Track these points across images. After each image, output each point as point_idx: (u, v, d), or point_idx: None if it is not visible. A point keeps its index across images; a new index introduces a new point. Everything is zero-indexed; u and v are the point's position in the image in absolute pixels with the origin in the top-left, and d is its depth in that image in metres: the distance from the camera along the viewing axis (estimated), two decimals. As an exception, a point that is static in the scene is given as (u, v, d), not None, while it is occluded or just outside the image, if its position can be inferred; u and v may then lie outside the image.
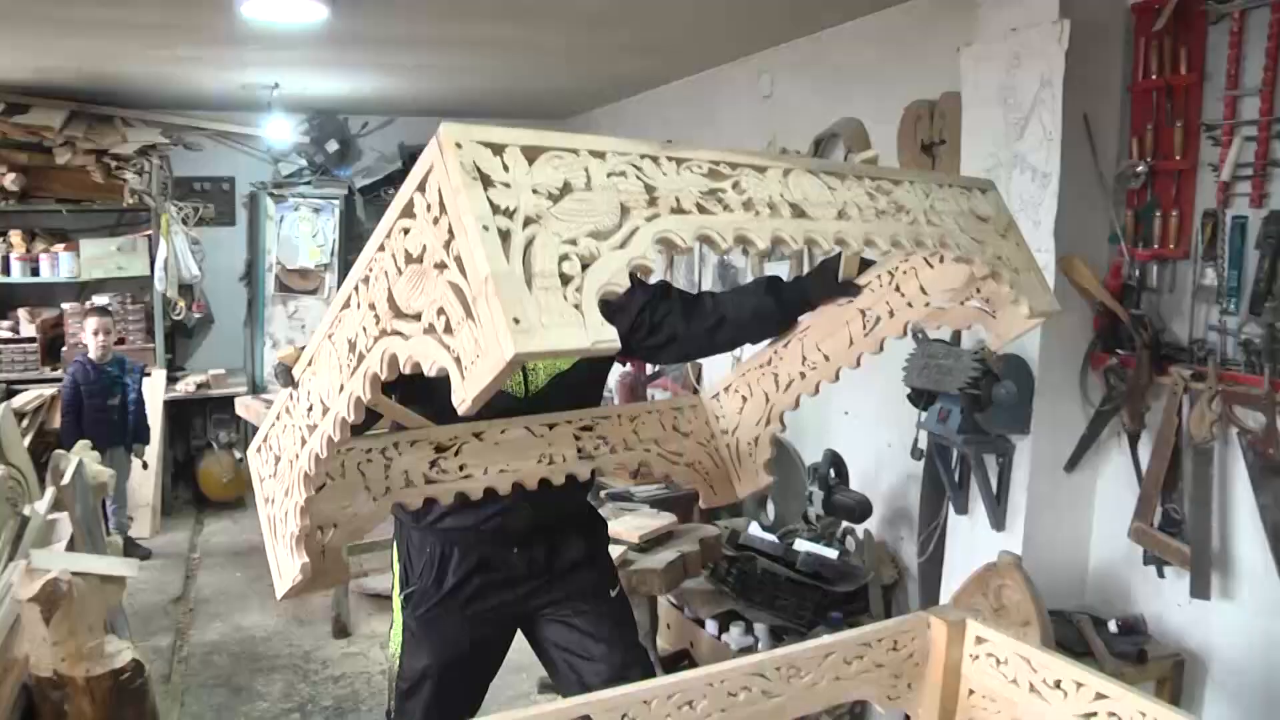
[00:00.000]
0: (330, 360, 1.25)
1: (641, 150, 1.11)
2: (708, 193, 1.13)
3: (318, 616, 4.12)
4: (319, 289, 5.96)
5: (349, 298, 1.19)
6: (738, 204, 1.15)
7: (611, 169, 1.07)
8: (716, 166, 1.16)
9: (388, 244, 1.08)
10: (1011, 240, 1.54)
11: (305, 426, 1.36)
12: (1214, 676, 2.62)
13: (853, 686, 1.60)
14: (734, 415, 1.98)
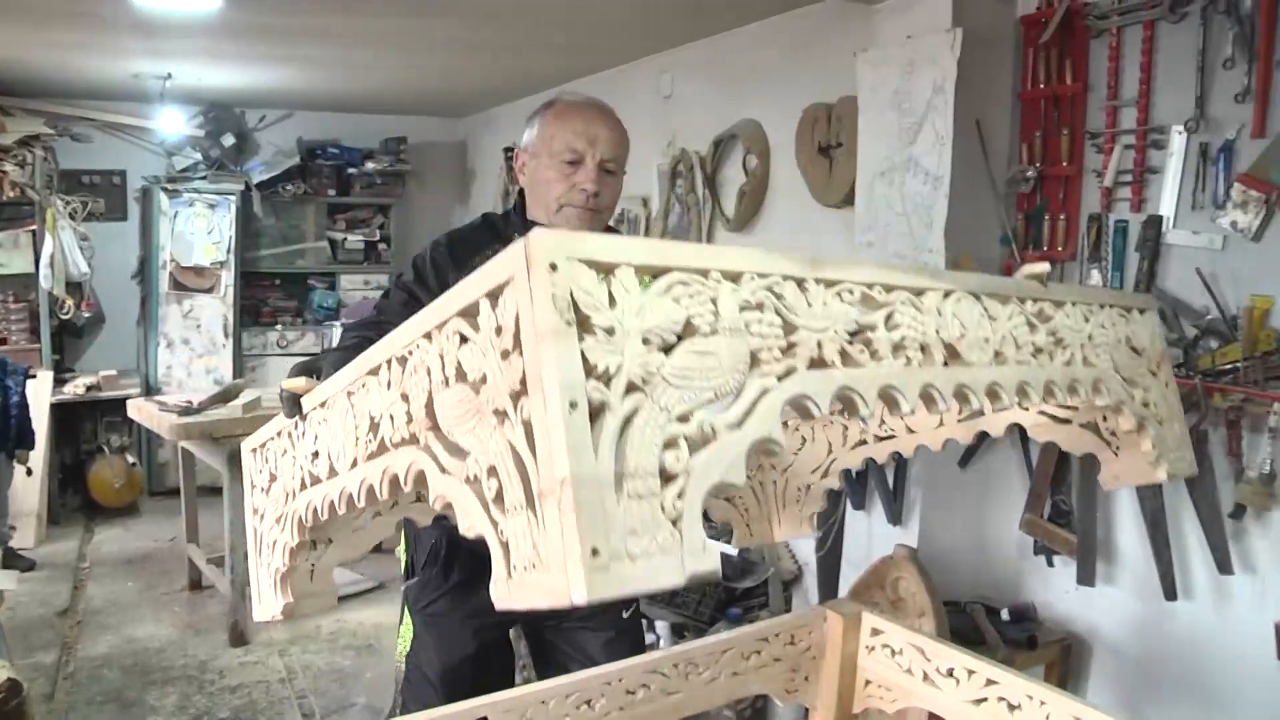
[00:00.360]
0: (346, 422, 1.06)
1: (785, 269, 0.88)
2: (855, 333, 0.93)
3: (214, 625, 4.00)
4: (215, 287, 5.78)
5: (379, 367, 0.99)
6: (887, 347, 0.95)
7: (746, 298, 0.84)
8: (870, 291, 0.96)
9: (437, 338, 0.86)
10: (1162, 379, 1.36)
11: (308, 470, 1.19)
12: (1098, 658, 2.74)
13: (751, 681, 1.62)
14: (788, 454, 1.77)
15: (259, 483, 1.36)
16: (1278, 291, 2.27)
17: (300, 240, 6.29)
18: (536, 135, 1.85)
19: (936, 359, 1.00)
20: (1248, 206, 2.30)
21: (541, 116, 1.86)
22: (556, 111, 1.85)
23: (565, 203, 1.82)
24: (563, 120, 1.83)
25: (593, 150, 1.81)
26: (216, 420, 3.76)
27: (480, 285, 0.79)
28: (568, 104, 1.86)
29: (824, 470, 1.72)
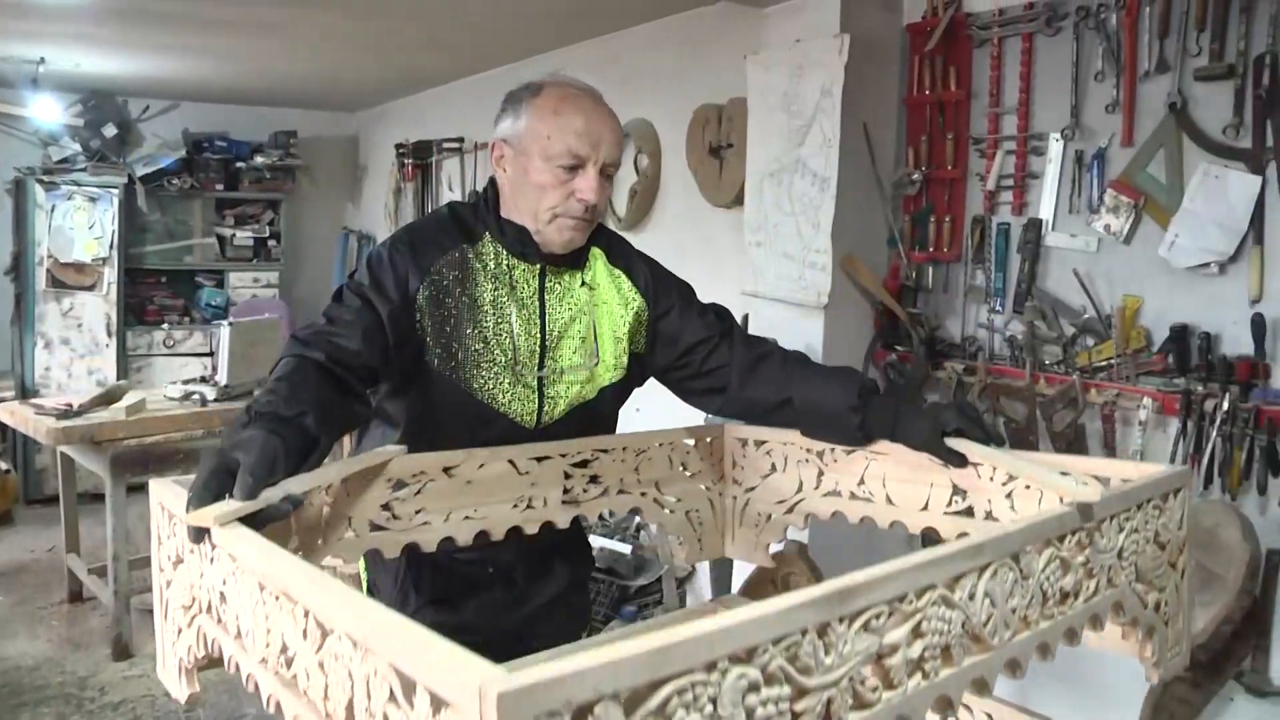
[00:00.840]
0: (258, 613, 0.93)
1: (809, 619, 0.76)
2: (873, 669, 0.83)
3: (96, 639, 3.83)
4: (97, 285, 5.53)
5: (305, 614, 0.85)
6: (905, 670, 0.85)
7: (754, 677, 0.71)
8: (902, 604, 0.85)
9: (372, 683, 0.75)
10: (1180, 568, 1.27)
11: (215, 604, 1.04)
12: (982, 647, 2.83)
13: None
14: (755, 475, 1.71)
15: (167, 549, 1.17)
16: (1147, 291, 2.39)
17: (187, 236, 6.07)
18: (525, 129, 1.56)
19: (957, 659, 0.92)
20: (1119, 211, 2.42)
21: (532, 107, 1.56)
22: (554, 105, 1.55)
23: (560, 213, 1.56)
24: (562, 117, 1.54)
25: (595, 155, 1.55)
26: (99, 423, 3.59)
27: (422, 671, 0.67)
28: (566, 96, 1.57)
29: (789, 506, 1.67)
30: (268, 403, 1.25)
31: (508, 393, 1.59)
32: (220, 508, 1.02)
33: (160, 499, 1.17)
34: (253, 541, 0.96)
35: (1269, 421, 2.12)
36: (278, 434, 1.17)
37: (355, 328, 1.48)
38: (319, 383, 1.37)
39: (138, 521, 4.96)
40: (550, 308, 1.64)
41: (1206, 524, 2.20)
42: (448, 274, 1.57)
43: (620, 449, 1.62)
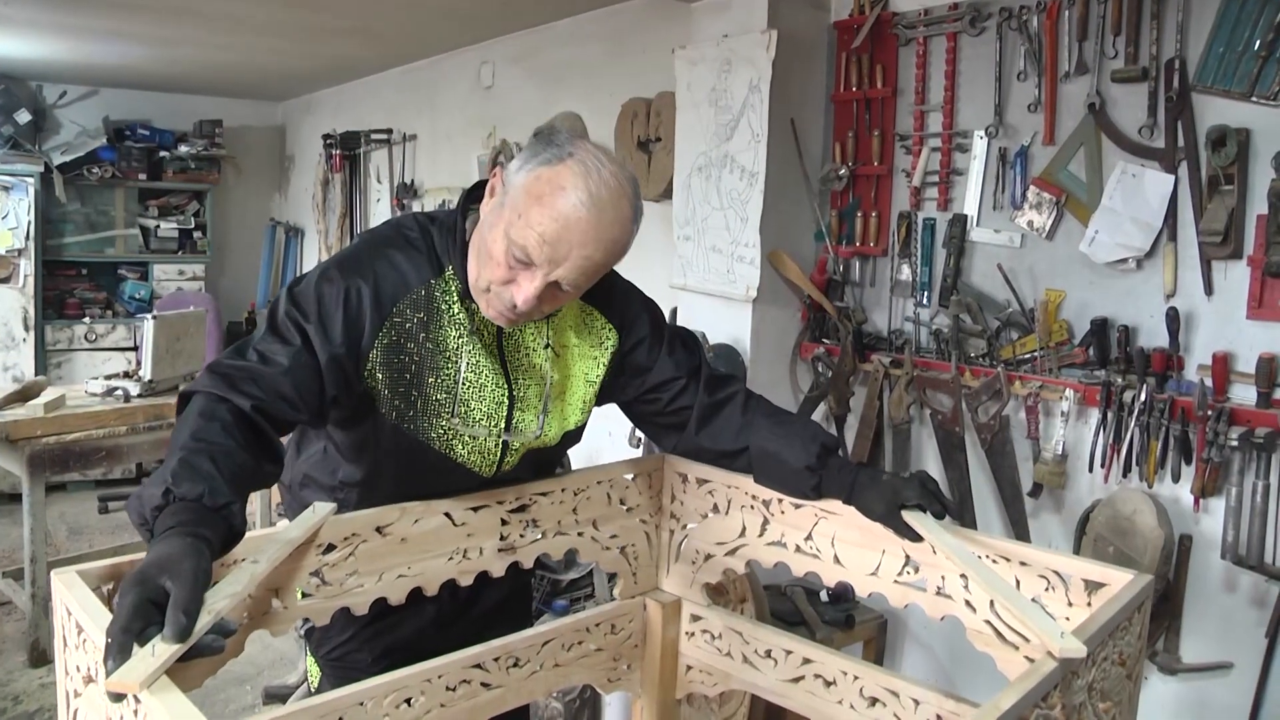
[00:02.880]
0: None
1: None
2: None
3: (11, 645, 3.70)
4: (12, 277, 5.35)
5: None
6: None
7: None
8: None
9: None
10: (1134, 679, 1.27)
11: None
12: (911, 631, 2.89)
13: (573, 672, 1.63)
14: (695, 513, 1.70)
15: (75, 659, 1.07)
16: (1068, 285, 2.45)
17: (109, 227, 5.90)
18: (514, 190, 1.35)
19: None
20: (1041, 207, 2.48)
21: (532, 176, 1.34)
22: (545, 190, 1.32)
23: (494, 294, 1.38)
24: (540, 210, 1.32)
25: (549, 269, 1.33)
26: (14, 420, 3.47)
27: None
28: (562, 191, 1.32)
29: (731, 549, 1.65)
30: (191, 483, 1.10)
31: (467, 444, 1.48)
32: (145, 667, 0.91)
33: (65, 600, 1.05)
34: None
35: (1182, 412, 2.19)
36: (204, 539, 1.05)
37: (288, 372, 1.32)
38: (240, 444, 1.22)
39: (58, 521, 4.83)
40: (509, 353, 1.51)
41: (1125, 511, 2.27)
42: (411, 316, 1.41)
43: (559, 490, 1.60)
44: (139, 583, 0.97)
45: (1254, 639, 2.18)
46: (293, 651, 3.55)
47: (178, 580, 0.97)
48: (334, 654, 1.66)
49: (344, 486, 1.56)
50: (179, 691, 0.91)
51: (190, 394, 1.28)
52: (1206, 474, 2.17)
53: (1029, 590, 1.34)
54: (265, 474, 1.29)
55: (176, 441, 1.18)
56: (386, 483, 1.50)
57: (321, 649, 1.67)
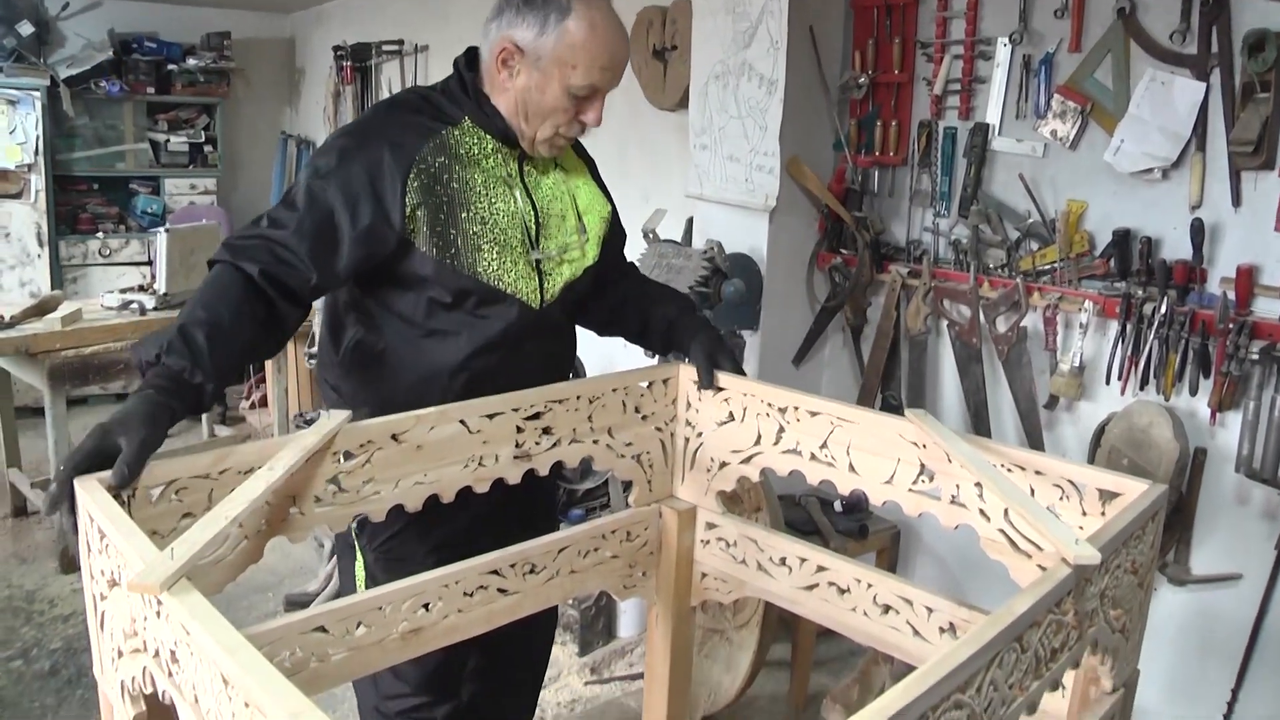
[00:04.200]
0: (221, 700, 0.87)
1: None
2: None
3: (42, 553, 3.79)
4: (23, 192, 5.31)
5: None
6: None
7: None
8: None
9: None
10: (1146, 588, 1.29)
11: (167, 661, 0.97)
12: (925, 542, 2.92)
13: (589, 579, 1.65)
14: (710, 421, 1.70)
15: (99, 563, 1.11)
16: (1091, 196, 2.41)
17: (118, 142, 5.83)
18: (550, 52, 1.52)
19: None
20: (1065, 116, 2.41)
21: (562, 31, 1.51)
22: (585, 35, 1.51)
23: (563, 134, 1.60)
24: (590, 51, 1.52)
25: (612, 84, 1.58)
26: (33, 334, 3.48)
27: None
28: (595, 25, 1.52)
29: (746, 457, 1.66)
30: (179, 356, 1.27)
31: (511, 271, 1.59)
32: (165, 569, 0.95)
33: (87, 506, 1.10)
34: (213, 628, 0.87)
35: (1202, 325, 2.17)
36: (169, 408, 1.23)
37: (303, 238, 1.44)
38: (245, 315, 1.36)
39: (80, 434, 4.90)
40: (532, 188, 1.65)
41: (1140, 423, 2.27)
42: (433, 161, 1.53)
43: (574, 398, 1.59)
44: (100, 435, 1.16)
45: (1263, 551, 2.20)
46: (312, 560, 3.62)
47: (129, 443, 1.14)
48: (386, 546, 1.69)
49: (430, 336, 1.61)
50: (199, 594, 0.93)
51: (210, 264, 1.43)
52: (1224, 387, 2.16)
53: (1043, 500, 1.34)
54: (267, 344, 1.44)
55: (187, 308, 1.34)
56: (435, 345, 1.57)
57: (375, 542, 1.69)
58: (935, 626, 1.43)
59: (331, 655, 1.31)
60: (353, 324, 1.64)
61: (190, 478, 1.19)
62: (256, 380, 4.89)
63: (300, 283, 1.44)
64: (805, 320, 3.05)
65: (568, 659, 2.98)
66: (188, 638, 0.90)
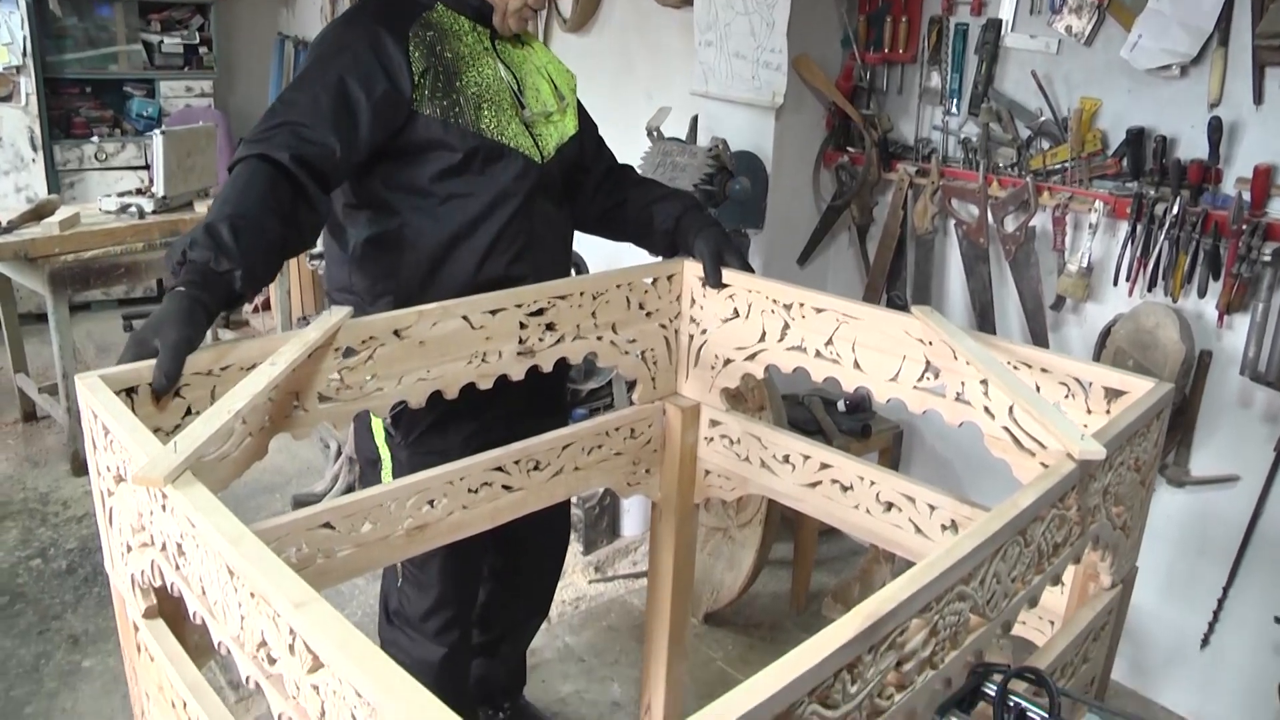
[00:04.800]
0: (227, 590, 0.89)
1: (839, 664, 0.79)
2: (891, 677, 0.86)
3: (54, 456, 3.84)
4: (13, 96, 5.20)
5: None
6: (915, 669, 0.89)
7: None
8: (922, 615, 0.88)
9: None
10: (1148, 487, 1.30)
11: (172, 555, 0.99)
12: (927, 443, 2.94)
13: (593, 476, 1.66)
14: (714, 317, 1.69)
15: (105, 460, 1.12)
16: (1105, 94, 2.35)
17: (110, 43, 5.69)
18: None
19: (960, 641, 0.94)
20: (1081, 11, 2.34)
21: None
22: None
23: (530, 4, 1.69)
24: None
25: None
26: (31, 239, 3.46)
27: None
28: None
29: (750, 354, 1.65)
30: (204, 249, 1.25)
31: (509, 129, 1.64)
32: (168, 462, 0.95)
33: (90, 404, 1.10)
34: (217, 519, 0.87)
35: (1215, 226, 2.14)
36: (201, 303, 1.22)
37: (321, 115, 1.46)
38: (272, 208, 1.35)
39: (85, 340, 4.91)
40: (507, 61, 1.72)
41: (1147, 325, 2.26)
42: (424, 34, 1.60)
43: (578, 294, 1.58)
44: (136, 346, 1.17)
45: (1262, 453, 2.21)
46: (319, 461, 3.66)
47: (164, 346, 1.15)
48: (421, 439, 1.71)
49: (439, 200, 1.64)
50: (203, 486, 0.93)
51: (234, 165, 1.40)
52: (1234, 289, 2.14)
53: (1049, 398, 1.34)
54: (298, 235, 1.42)
55: (213, 206, 1.33)
56: (448, 209, 1.60)
57: (411, 434, 1.71)
58: (937, 524, 1.44)
59: (338, 551, 1.32)
60: (362, 221, 1.65)
61: (192, 374, 1.18)
62: (260, 286, 4.87)
63: (327, 161, 1.45)
64: (811, 219, 3.02)
65: (572, 558, 3.03)
66: (193, 530, 0.90)
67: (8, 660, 2.58)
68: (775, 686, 0.67)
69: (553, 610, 2.82)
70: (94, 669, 2.55)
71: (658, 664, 2.02)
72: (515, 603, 2.13)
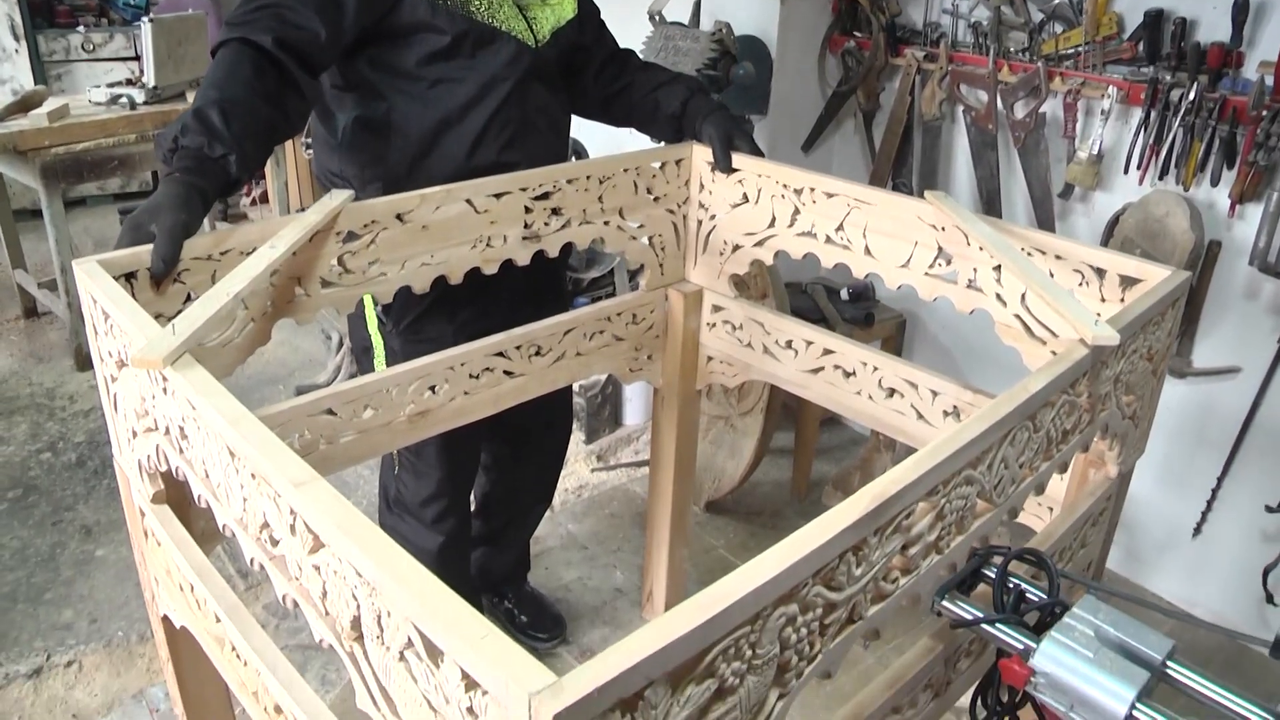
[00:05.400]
0: (229, 471, 0.89)
1: (844, 545, 0.80)
2: (896, 561, 0.88)
3: (57, 351, 3.85)
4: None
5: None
6: (921, 553, 0.90)
7: None
8: (929, 498, 0.89)
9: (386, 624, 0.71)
10: (1160, 376, 1.28)
11: (174, 438, 1.00)
12: (930, 333, 2.94)
13: (595, 361, 1.65)
14: (724, 202, 1.67)
15: (106, 345, 1.12)
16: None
17: (91, -75, 5.49)
18: None
19: (966, 526, 0.94)
20: (1102, -120, 2.23)
21: None
22: None
23: None
24: None
25: None
26: (20, 131, 3.39)
27: (457, 648, 0.61)
28: None
29: (760, 240, 1.62)
30: (195, 134, 1.23)
31: (501, 10, 1.58)
32: (167, 344, 0.94)
33: (89, 289, 1.09)
34: (217, 400, 0.87)
35: (1233, 112, 2.08)
36: (197, 187, 1.20)
37: (307, 2, 1.42)
38: (259, 92, 1.32)
39: (83, 235, 4.87)
40: None
41: (1156, 213, 2.22)
42: None
43: (584, 177, 1.55)
44: (133, 228, 1.16)
45: (1266, 344, 2.20)
46: (321, 353, 3.67)
47: (161, 230, 1.14)
48: (416, 325, 1.70)
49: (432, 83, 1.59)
50: (203, 369, 0.93)
51: (217, 49, 1.37)
52: (1248, 178, 2.10)
53: (1062, 285, 1.32)
54: (286, 119, 1.38)
55: (198, 92, 1.31)
56: (440, 94, 1.55)
57: (403, 322, 1.70)
58: (939, 410, 1.44)
59: (340, 438, 1.33)
60: (350, 104, 1.60)
61: (191, 259, 1.17)
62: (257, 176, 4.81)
63: (311, 45, 1.41)
64: (815, 106, 2.96)
65: (575, 446, 3.06)
66: (193, 412, 0.91)
67: (26, 549, 2.63)
68: (781, 566, 0.68)
69: (556, 499, 2.86)
70: (107, 558, 2.60)
71: (659, 551, 2.06)
72: (518, 491, 2.16)
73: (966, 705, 1.00)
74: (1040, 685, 0.85)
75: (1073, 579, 1.02)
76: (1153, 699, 0.80)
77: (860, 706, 0.94)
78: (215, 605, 1.03)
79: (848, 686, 2.12)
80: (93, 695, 2.18)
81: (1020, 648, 0.88)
